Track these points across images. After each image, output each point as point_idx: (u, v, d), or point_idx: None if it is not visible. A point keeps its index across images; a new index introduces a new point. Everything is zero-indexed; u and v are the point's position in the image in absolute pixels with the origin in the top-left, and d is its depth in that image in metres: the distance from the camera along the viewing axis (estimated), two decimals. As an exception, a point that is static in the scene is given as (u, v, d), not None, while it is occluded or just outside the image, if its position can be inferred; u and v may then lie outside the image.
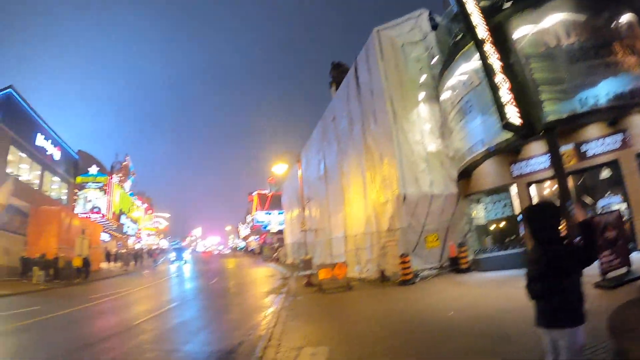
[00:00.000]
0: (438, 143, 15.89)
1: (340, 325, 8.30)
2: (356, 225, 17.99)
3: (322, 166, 24.43)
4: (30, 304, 14.94)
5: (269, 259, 42.99)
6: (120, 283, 23.19)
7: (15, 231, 25.06)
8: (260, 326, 9.08)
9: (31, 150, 28.44)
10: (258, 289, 17.22)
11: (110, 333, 9.36)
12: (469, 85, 13.71)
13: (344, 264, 14.33)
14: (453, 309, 8.56)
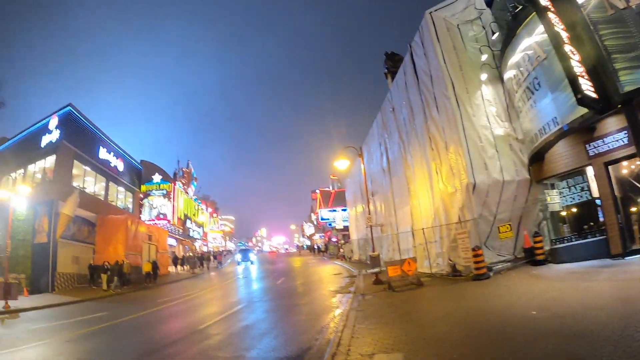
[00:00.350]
0: (505, 126, 15.14)
1: (413, 328, 7.85)
2: (424, 218, 17.66)
3: (384, 159, 24.18)
4: (97, 309, 15.83)
5: (334, 256, 43.37)
6: (188, 286, 24.49)
7: (84, 240, 27.02)
8: (328, 329, 8.88)
9: (95, 163, 30.53)
10: (325, 288, 17.38)
11: (175, 338, 9.60)
12: (534, 60, 12.90)
13: (414, 259, 14.16)
14: (535, 306, 8.02)
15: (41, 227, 24.45)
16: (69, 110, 27.67)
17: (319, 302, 13.58)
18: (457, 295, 11.31)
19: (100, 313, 14.66)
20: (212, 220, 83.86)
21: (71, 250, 25.24)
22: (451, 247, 14.73)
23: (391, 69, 27.50)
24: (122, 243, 27.07)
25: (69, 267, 24.23)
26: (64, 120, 27.36)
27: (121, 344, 9.40)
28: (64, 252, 24.32)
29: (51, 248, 23.60)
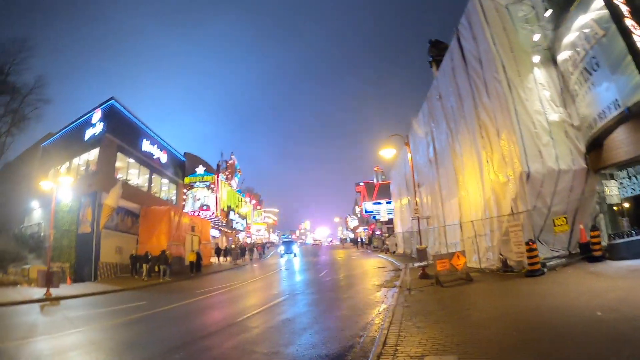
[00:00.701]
0: (560, 111, 14.12)
1: (465, 328, 7.32)
2: (473, 210, 16.98)
3: (431, 149, 23.49)
4: (136, 299, 16.09)
5: (378, 249, 42.92)
6: (229, 277, 24.85)
7: (127, 231, 27.88)
8: (372, 326, 8.58)
9: (138, 155, 31.40)
10: (369, 282, 17.13)
11: (211, 331, 9.45)
12: (591, 38, 11.90)
13: (463, 253, 13.60)
14: (598, 307, 7.33)
15: (85, 218, 25.57)
16: (112, 103, 28.57)
17: (362, 296, 13.36)
18: (510, 292, 10.68)
19: (138, 302, 14.89)
20: (255, 212, 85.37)
21: (114, 241, 26.12)
22: (502, 241, 14.04)
23: (436, 57, 26.73)
24: (165, 234, 27.62)
25: (111, 256, 25.14)
26: (107, 114, 28.24)
27: (155, 335, 9.42)
28: (107, 243, 25.19)
29: (94, 238, 24.58)
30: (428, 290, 12.35)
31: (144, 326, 10.68)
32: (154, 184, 34.65)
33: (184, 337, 8.80)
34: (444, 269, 12.93)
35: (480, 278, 13.46)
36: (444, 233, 21.43)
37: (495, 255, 14.65)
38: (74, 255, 25.35)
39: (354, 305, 11.83)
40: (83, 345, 8.45)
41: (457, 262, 13.03)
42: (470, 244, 16.92)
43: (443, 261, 13.06)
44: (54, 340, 9.01)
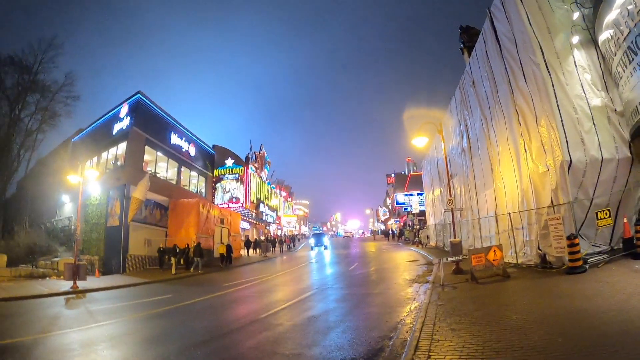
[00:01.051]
0: (602, 96, 12.99)
1: (505, 332, 6.67)
2: (509, 202, 16.17)
3: (464, 139, 22.62)
4: (162, 292, 16.14)
5: (410, 242, 42.12)
6: (257, 270, 24.89)
7: (156, 224, 28.06)
8: (403, 326, 8.19)
9: (166, 148, 31.50)
10: (400, 277, 16.68)
11: (233, 327, 9.28)
12: (635, 15, 10.87)
13: (500, 247, 12.90)
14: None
15: (113, 211, 25.88)
16: (139, 97, 28.56)
17: (393, 292, 12.99)
18: (552, 291, 9.92)
19: (162, 296, 14.92)
20: (286, 204, 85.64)
21: (143, 233, 26.36)
22: (541, 235, 13.24)
23: (467, 43, 25.70)
24: (194, 226, 27.69)
25: (140, 249, 25.47)
26: (134, 108, 28.29)
27: (175, 331, 9.28)
28: (135, 235, 25.45)
29: (122, 231, 24.78)
30: (462, 287, 11.82)
31: (166, 321, 10.65)
32: (183, 177, 34.94)
33: (205, 334, 8.68)
34: (479, 264, 12.34)
35: (518, 274, 12.77)
36: (478, 226, 20.64)
37: (533, 250, 13.88)
38: (102, 248, 25.71)
39: (384, 302, 11.50)
40: (100, 341, 8.39)
41: (493, 257, 12.40)
42: (506, 238, 16.15)
43: (478, 256, 12.46)
44: (71, 335, 9.03)
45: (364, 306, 11.15)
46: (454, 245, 15.38)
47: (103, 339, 8.50)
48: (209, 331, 9.00)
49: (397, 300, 11.40)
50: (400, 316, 9.22)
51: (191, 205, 28.82)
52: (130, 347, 8.02)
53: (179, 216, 28.53)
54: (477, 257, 12.40)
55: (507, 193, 16.46)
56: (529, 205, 14.16)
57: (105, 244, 25.70)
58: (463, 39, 27.36)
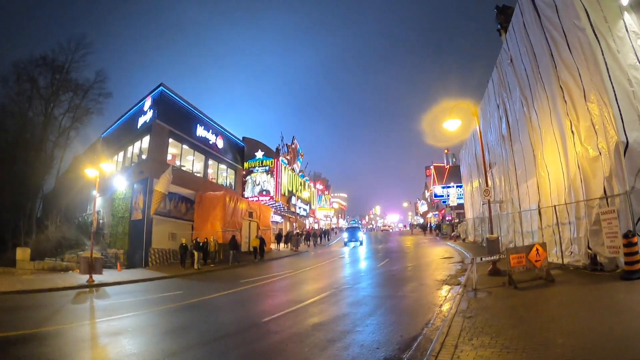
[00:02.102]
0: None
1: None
2: (554, 193, 14.15)
3: (503, 124, 20.53)
4: (177, 287, 15.80)
5: (447, 236, 39.89)
6: (283, 265, 24.06)
7: (181, 217, 27.77)
8: (420, 343, 6.93)
9: (192, 141, 31.09)
10: (430, 277, 15.10)
11: (231, 331, 8.83)
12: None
13: (543, 246, 11.05)
14: None
15: (137, 205, 26.02)
16: (161, 90, 28.28)
17: (418, 296, 11.54)
18: (607, 302, 8.03)
19: (177, 292, 14.58)
20: (323, 197, 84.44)
21: (167, 227, 26.13)
22: (591, 232, 11.23)
23: (504, 24, 23.55)
24: (220, 220, 27.25)
25: (164, 243, 25.30)
26: (157, 100, 28.08)
27: (171, 334, 8.71)
28: (159, 229, 25.26)
29: (145, 225, 24.71)
30: (498, 292, 10.16)
31: (165, 319, 10.36)
32: (211, 170, 34.73)
33: (195, 339, 8.10)
34: (518, 266, 10.58)
35: (563, 278, 10.95)
36: (519, 220, 18.59)
37: (581, 249, 11.90)
38: (127, 241, 26.04)
39: (404, 308, 10.19)
40: (74, 342, 8.16)
41: (535, 257, 10.63)
42: (550, 234, 14.19)
43: (518, 255, 10.67)
44: (64, 331, 8.94)
45: (380, 313, 9.80)
46: (491, 242, 13.63)
47: (88, 338, 8.48)
48: (201, 335, 8.42)
49: (420, 307, 10.01)
50: (418, 327, 7.89)
51: (217, 198, 28.27)
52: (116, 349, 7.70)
53: (205, 210, 28.13)
54: (516, 257, 10.62)
55: (551, 183, 14.44)
56: (577, 196, 12.15)
57: (129, 238, 26.03)
58: (500, 19, 25.26)
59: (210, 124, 34.29)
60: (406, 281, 14.50)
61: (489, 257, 12.46)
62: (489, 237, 14.03)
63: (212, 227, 26.99)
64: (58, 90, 34.95)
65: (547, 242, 14.38)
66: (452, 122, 14.94)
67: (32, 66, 33.96)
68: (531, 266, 10.57)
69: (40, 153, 33.45)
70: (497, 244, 13.75)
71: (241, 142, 41.45)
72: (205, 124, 33.43)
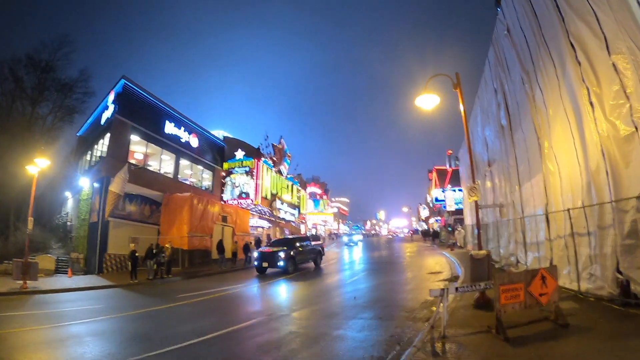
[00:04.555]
0: None
1: None
2: (566, 192, 10.39)
3: (502, 111, 16.89)
4: (103, 300, 14.07)
5: (445, 244, 36.00)
6: (237, 277, 20.53)
7: (145, 220, 25.35)
8: None
9: (160, 138, 28.40)
10: (400, 302, 11.37)
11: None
12: None
13: (552, 272, 7.14)
14: None
15: (94, 206, 23.96)
16: (123, 82, 25.62)
17: (360, 340, 7.68)
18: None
19: (95, 305, 12.71)
20: (321, 202, 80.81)
21: (127, 231, 23.68)
22: (623, 247, 7.47)
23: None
24: (186, 223, 24.64)
25: (124, 248, 22.54)
26: (119, 95, 25.51)
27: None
28: (117, 233, 22.93)
29: (100, 228, 22.51)
30: (477, 346, 6.39)
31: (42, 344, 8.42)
32: (182, 170, 31.69)
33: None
34: (513, 302, 6.73)
35: (582, 318, 7.22)
36: (520, 228, 14.89)
37: (607, 271, 8.12)
38: (86, 245, 24.03)
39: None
40: None
41: (540, 290, 6.84)
42: (562, 249, 10.48)
43: (513, 287, 6.77)
44: None
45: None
46: (477, 261, 9.78)
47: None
48: None
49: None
50: None
51: (183, 200, 25.56)
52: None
53: (172, 212, 25.51)
54: (509, 289, 6.71)
55: (562, 179, 10.70)
56: (600, 196, 8.37)
57: (88, 242, 24.04)
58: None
59: (182, 121, 31.22)
60: (363, 309, 10.65)
61: (470, 288, 8.02)
62: (475, 254, 10.00)
63: (179, 231, 24.47)
64: (42, 89, 34.19)
65: (558, 259, 10.70)
66: (428, 99, 11.28)
67: (17, 65, 33.29)
68: (533, 302, 6.82)
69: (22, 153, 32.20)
70: (486, 263, 9.79)
71: (221, 142, 38.07)
72: (177, 121, 30.42)
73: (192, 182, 33.37)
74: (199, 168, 34.03)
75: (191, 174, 33.24)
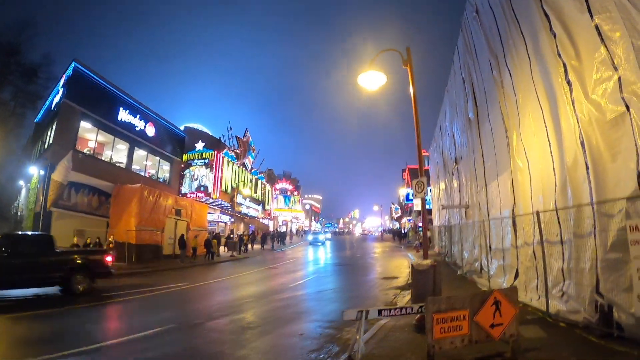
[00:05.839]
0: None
1: None
2: (537, 192, 8.78)
3: (470, 102, 15.33)
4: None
5: (412, 245, 34.56)
6: (183, 276, 18.03)
7: (92, 212, 23.94)
8: None
9: (112, 126, 26.69)
10: (331, 317, 9.32)
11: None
12: None
13: (510, 295, 5.29)
14: None
15: (39, 196, 22.69)
16: (74, 66, 23.57)
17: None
18: None
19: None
20: (292, 198, 78.63)
21: (73, 223, 22.23)
22: (605, 263, 5.77)
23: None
24: (135, 216, 22.97)
25: (68, 241, 20.40)
26: (70, 78, 23.58)
27: None
28: (61, 224, 21.33)
29: (41, 219, 21.22)
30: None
31: None
32: (136, 160, 29.61)
33: None
34: (453, 336, 4.91)
35: (548, 353, 5.50)
36: (486, 232, 13.30)
37: (583, 291, 6.42)
38: None
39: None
40: None
41: (491, 318, 5.04)
42: (530, 258, 8.86)
43: (453, 315, 4.95)
44: None
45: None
46: (419, 274, 7.84)
47: None
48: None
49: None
50: None
51: (133, 191, 23.78)
52: None
53: (121, 204, 23.87)
54: (447, 318, 4.91)
55: (533, 176, 9.08)
56: (577, 196, 6.71)
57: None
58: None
59: (138, 109, 29.09)
60: (285, 323, 8.68)
61: (397, 311, 5.81)
62: (416, 264, 7.90)
63: (127, 225, 22.79)
64: (6, 74, 32.84)
65: (525, 270, 9.10)
66: (372, 77, 9.47)
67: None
68: (482, 337, 5.03)
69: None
70: (431, 276, 7.88)
71: (181, 132, 35.78)
72: (132, 108, 28.33)
73: (151, 173, 31.70)
74: (156, 159, 32.13)
75: (148, 165, 31.31)
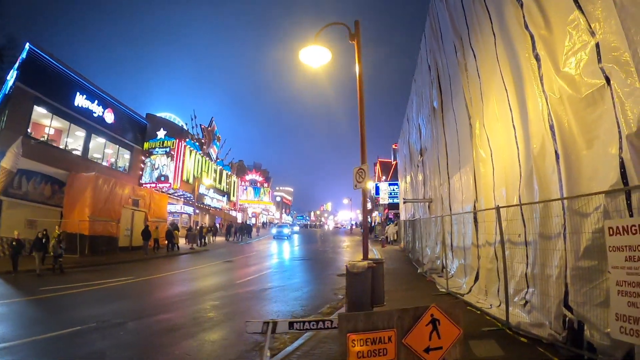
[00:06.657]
0: None
1: None
2: (500, 185, 7.83)
3: (435, 89, 14.34)
4: None
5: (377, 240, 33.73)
6: (132, 270, 17.17)
7: (45, 202, 22.74)
8: None
9: (67, 111, 25.19)
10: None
11: None
12: None
13: (451, 313, 3.91)
14: None
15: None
16: (29, 48, 22.35)
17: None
18: None
19: None
20: (262, 189, 76.92)
21: (24, 212, 21.19)
22: (577, 272, 4.71)
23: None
24: (89, 206, 22.03)
25: (19, 232, 18.46)
26: (24, 61, 22.26)
27: None
28: (11, 214, 20.42)
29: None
30: None
31: None
32: (93, 148, 27.93)
33: None
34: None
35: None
36: (449, 229, 12.35)
37: (549, 303, 5.39)
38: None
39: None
40: None
41: (426, 341, 3.76)
42: (491, 259, 7.89)
43: (374, 336, 3.65)
44: None
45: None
46: (354, 276, 6.49)
47: None
48: None
49: None
50: None
51: (87, 180, 22.78)
52: None
53: (75, 194, 22.88)
54: (367, 339, 3.63)
55: (495, 167, 8.09)
56: (544, 189, 5.71)
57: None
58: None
59: (97, 94, 27.41)
60: (204, 329, 7.34)
61: (308, 325, 4.57)
62: (350, 265, 6.54)
63: (80, 215, 21.86)
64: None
65: (486, 272, 8.15)
66: (312, 52, 8.24)
67: None
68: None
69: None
70: (369, 280, 6.64)
71: (143, 119, 33.76)
72: (90, 93, 26.68)
73: (111, 162, 29.93)
74: (115, 147, 30.45)
75: (107, 153, 29.58)
